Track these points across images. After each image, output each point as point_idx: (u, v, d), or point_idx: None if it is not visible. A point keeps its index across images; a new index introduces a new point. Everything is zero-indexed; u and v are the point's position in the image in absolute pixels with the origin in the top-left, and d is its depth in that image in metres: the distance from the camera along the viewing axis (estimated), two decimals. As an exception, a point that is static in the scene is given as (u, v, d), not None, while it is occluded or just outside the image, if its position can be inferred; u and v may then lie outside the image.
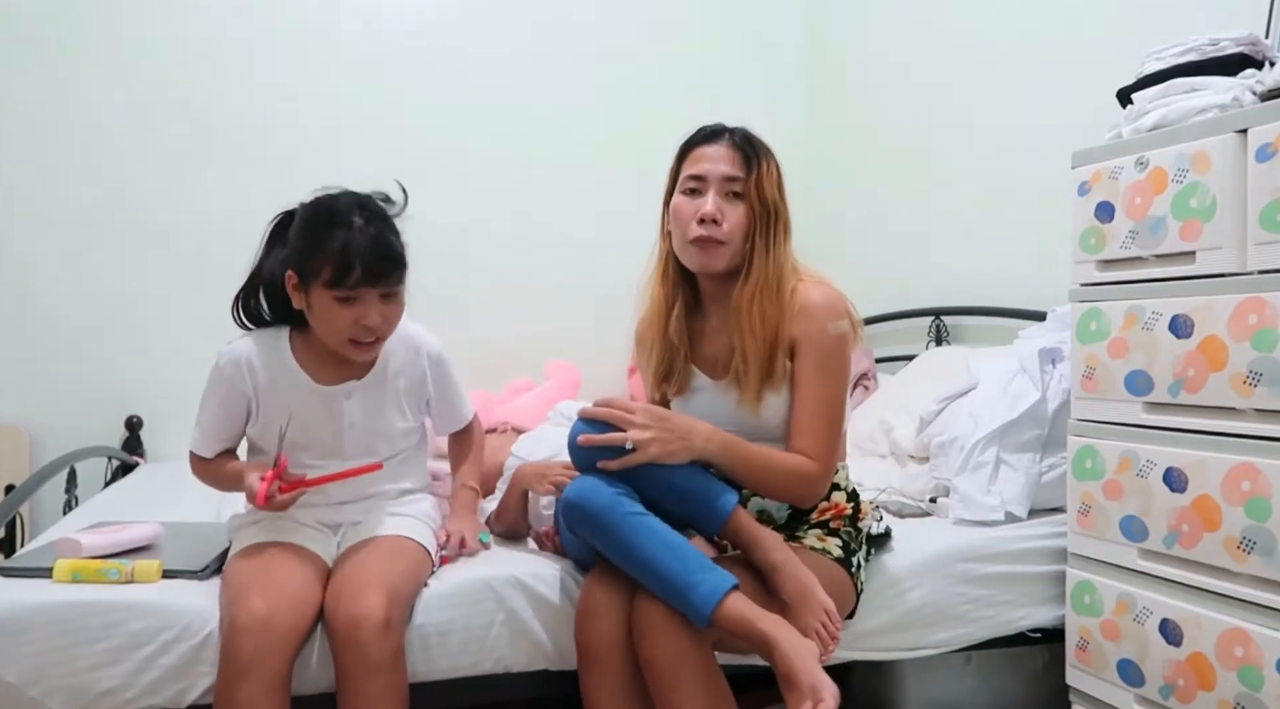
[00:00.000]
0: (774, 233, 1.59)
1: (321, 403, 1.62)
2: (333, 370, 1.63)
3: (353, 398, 1.63)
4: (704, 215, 1.56)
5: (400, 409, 1.69)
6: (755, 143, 1.61)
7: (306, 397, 1.61)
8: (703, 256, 1.59)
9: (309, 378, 1.61)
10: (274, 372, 1.61)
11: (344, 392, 1.63)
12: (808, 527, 1.63)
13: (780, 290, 1.57)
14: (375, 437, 1.66)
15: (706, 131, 1.63)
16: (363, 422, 1.64)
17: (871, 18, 3.35)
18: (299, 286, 1.53)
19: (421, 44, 3.27)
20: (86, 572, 1.47)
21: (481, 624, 1.55)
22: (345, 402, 1.63)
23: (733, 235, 1.57)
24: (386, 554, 1.51)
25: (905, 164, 3.13)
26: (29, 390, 2.91)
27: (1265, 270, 1.40)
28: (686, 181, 1.61)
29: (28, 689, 1.37)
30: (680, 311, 1.67)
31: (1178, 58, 1.62)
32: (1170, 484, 1.53)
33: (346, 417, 1.63)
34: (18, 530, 2.65)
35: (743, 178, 1.58)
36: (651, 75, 3.50)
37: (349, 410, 1.63)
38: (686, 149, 1.64)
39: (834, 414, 1.57)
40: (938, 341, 2.89)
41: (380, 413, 1.66)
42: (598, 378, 3.28)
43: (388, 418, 1.67)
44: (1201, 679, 1.47)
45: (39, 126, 2.93)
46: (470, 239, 3.30)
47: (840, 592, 1.55)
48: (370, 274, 1.49)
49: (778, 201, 1.60)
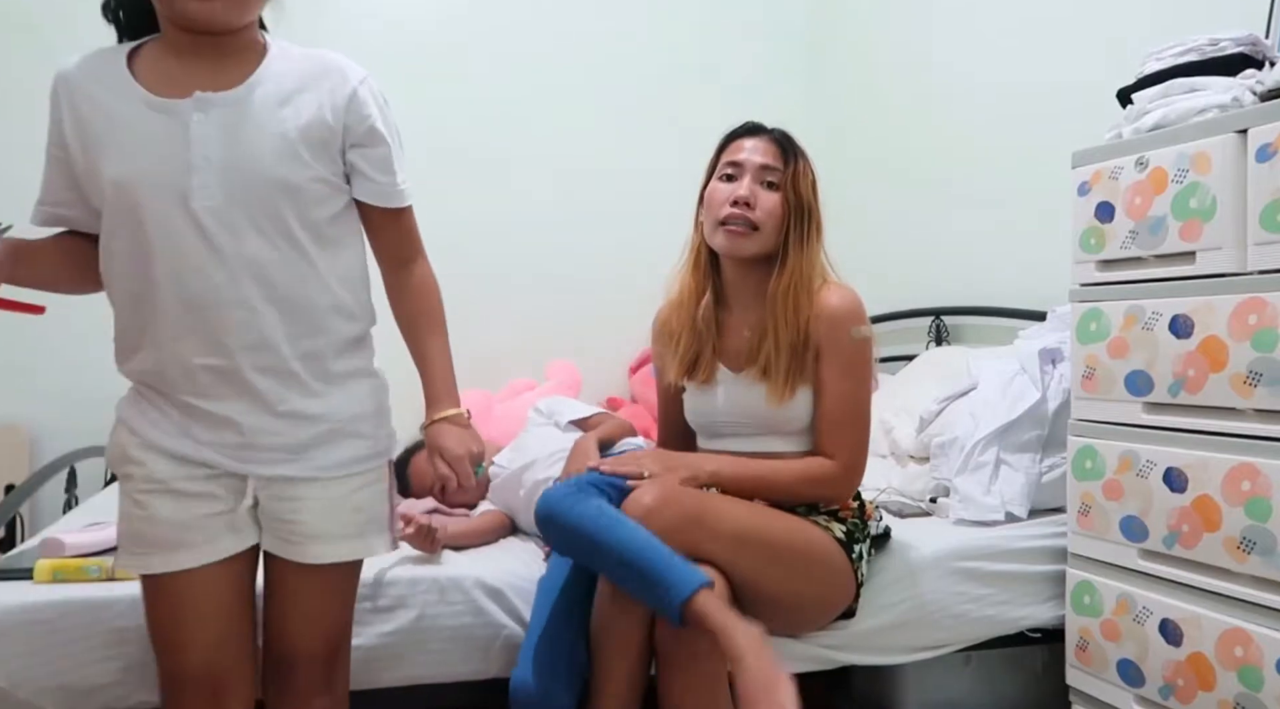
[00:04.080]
0: (808, 229, 1.63)
1: (161, 122, 1.11)
2: (182, 81, 1.12)
3: (208, 115, 1.10)
4: (738, 197, 1.60)
5: (290, 144, 1.14)
6: (794, 141, 1.67)
7: (139, 112, 1.11)
8: (732, 238, 1.62)
9: (142, 87, 1.12)
10: (100, 86, 1.13)
11: (195, 103, 1.11)
12: (816, 513, 1.65)
13: (811, 288, 1.61)
14: (240, 182, 1.11)
15: (749, 125, 1.69)
16: (221, 154, 1.11)
17: (872, 18, 3.35)
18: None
19: (422, 43, 3.27)
20: (67, 571, 1.47)
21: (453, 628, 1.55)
22: (193, 115, 1.10)
23: (765, 222, 1.61)
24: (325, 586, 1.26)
25: (905, 164, 3.13)
26: (29, 390, 2.90)
27: (1265, 270, 1.40)
28: (724, 168, 1.65)
29: (16, 691, 1.37)
30: (709, 301, 1.70)
31: (1178, 58, 1.62)
32: (1170, 484, 1.53)
33: (195, 142, 1.10)
34: (18, 530, 2.65)
35: (780, 169, 1.62)
36: (654, 77, 3.49)
37: (198, 132, 1.10)
38: (726, 141, 1.69)
39: (860, 416, 1.60)
40: (938, 342, 2.89)
41: (251, 141, 1.12)
42: (598, 378, 3.28)
43: (263, 151, 1.12)
44: (1201, 679, 1.47)
45: (39, 126, 2.92)
46: (471, 239, 3.30)
47: (837, 573, 1.57)
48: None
49: (811, 201, 1.64)
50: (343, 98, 1.18)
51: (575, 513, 1.42)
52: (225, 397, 1.17)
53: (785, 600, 1.55)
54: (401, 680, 1.50)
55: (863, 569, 1.63)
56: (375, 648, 1.49)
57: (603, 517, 1.42)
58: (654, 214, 1.86)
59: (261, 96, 1.14)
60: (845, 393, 1.59)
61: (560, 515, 1.43)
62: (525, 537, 1.91)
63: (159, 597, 1.20)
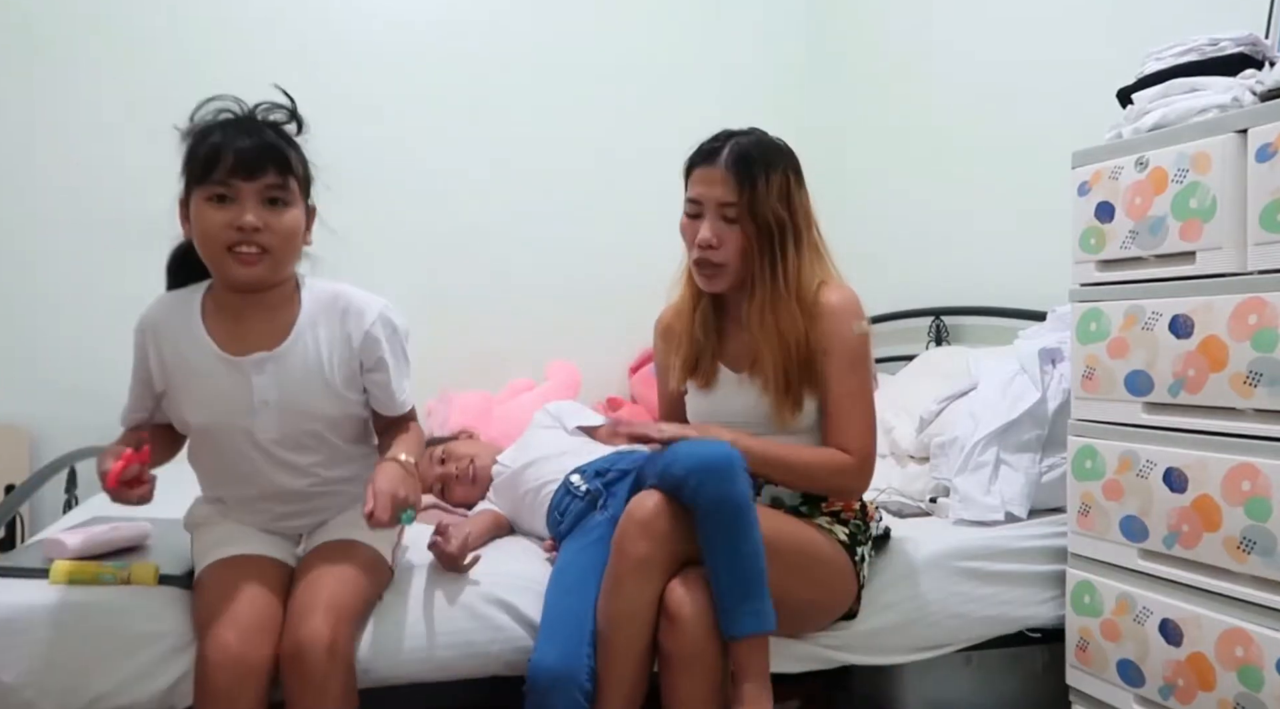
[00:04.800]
0: (779, 248, 1.60)
1: (228, 376, 1.43)
2: (243, 338, 1.44)
3: (263, 372, 1.43)
4: (700, 241, 1.60)
5: (328, 388, 1.47)
6: (752, 159, 1.58)
7: (213, 366, 1.44)
8: (705, 280, 1.64)
9: (215, 345, 1.43)
10: (180, 336, 1.45)
11: (254, 363, 1.43)
12: (820, 514, 1.65)
13: (802, 298, 1.60)
14: (292, 420, 1.46)
15: (704, 150, 1.63)
16: (277, 398, 1.44)
17: (872, 19, 3.35)
18: (184, 214, 1.42)
19: (425, 44, 3.27)
20: (83, 574, 1.46)
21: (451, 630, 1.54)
22: (253, 377, 1.43)
23: (730, 259, 1.61)
24: (338, 570, 1.43)
25: (905, 164, 3.13)
26: (29, 390, 2.90)
27: (1265, 270, 1.40)
28: (688, 204, 1.65)
29: (23, 691, 1.37)
30: (705, 307, 1.71)
31: (1178, 58, 1.62)
32: (1170, 484, 1.52)
33: (258, 393, 1.43)
34: (18, 530, 2.65)
35: (735, 203, 1.58)
36: (654, 77, 3.49)
37: (259, 386, 1.43)
38: (688, 168, 1.66)
39: (868, 410, 1.61)
40: (938, 342, 2.89)
41: (298, 389, 1.45)
42: (598, 378, 3.28)
43: (308, 395, 1.46)
44: (1201, 679, 1.47)
45: (39, 126, 2.93)
46: (471, 239, 3.30)
47: (840, 576, 1.58)
48: (242, 164, 1.35)
49: (781, 216, 1.59)
50: (359, 336, 1.48)
51: (745, 486, 1.41)
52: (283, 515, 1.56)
53: (788, 603, 1.55)
54: (401, 680, 1.50)
55: (864, 571, 1.64)
56: (375, 648, 1.49)
57: (754, 508, 1.43)
58: (654, 214, 1.86)
59: (302, 349, 1.46)
60: (852, 388, 1.59)
61: (736, 478, 1.40)
62: (523, 537, 1.91)
63: (211, 582, 1.41)
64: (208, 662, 1.31)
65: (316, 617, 1.35)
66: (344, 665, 1.36)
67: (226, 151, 1.35)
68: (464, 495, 2.09)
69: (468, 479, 2.07)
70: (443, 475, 2.12)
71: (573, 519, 1.72)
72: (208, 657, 1.32)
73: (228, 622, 1.34)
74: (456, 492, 2.10)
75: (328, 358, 1.47)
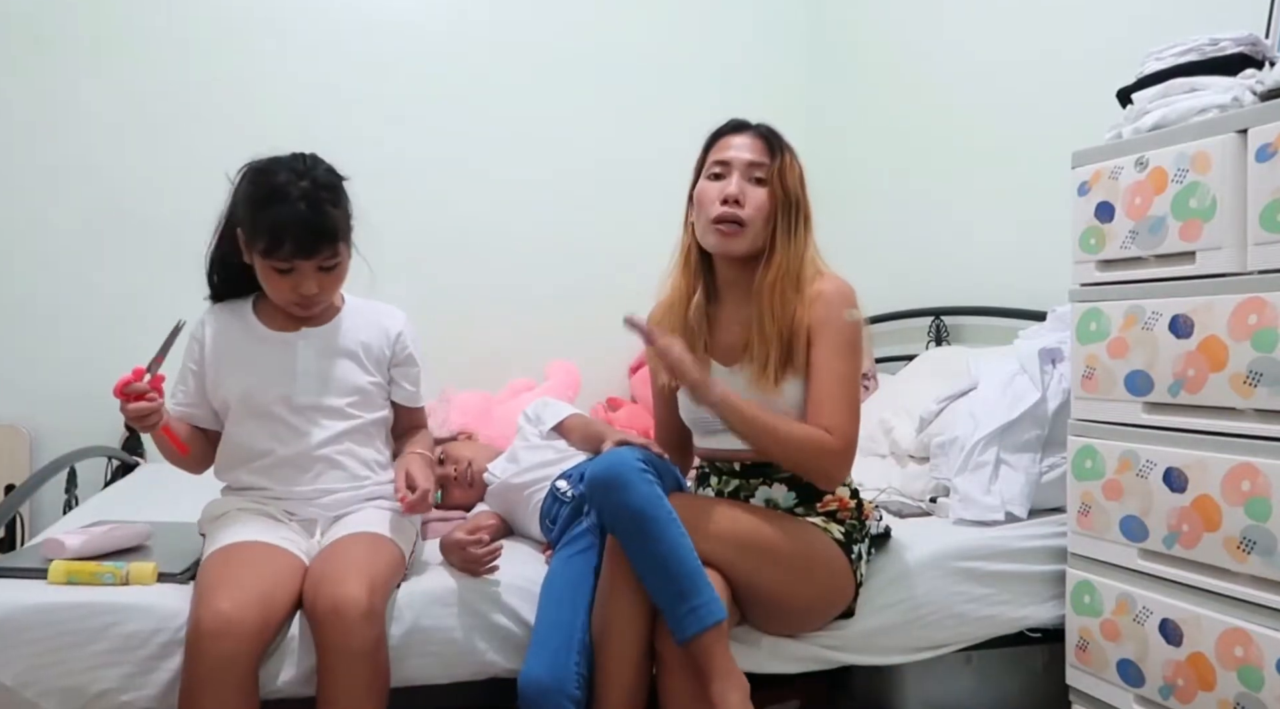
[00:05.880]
0: (795, 222, 1.62)
1: (275, 347, 1.64)
2: (291, 324, 1.66)
3: (308, 340, 1.65)
4: (727, 196, 1.60)
5: (359, 362, 1.68)
6: (779, 135, 1.67)
7: (258, 343, 1.63)
8: (723, 238, 1.62)
9: (264, 325, 1.65)
10: (232, 323, 1.65)
11: (298, 335, 1.65)
12: (814, 514, 1.64)
13: (800, 280, 1.60)
14: (328, 385, 1.65)
15: (733, 123, 1.68)
16: (316, 367, 1.64)
17: (873, 17, 3.35)
18: (248, 246, 1.56)
19: (426, 43, 3.27)
20: (82, 574, 1.47)
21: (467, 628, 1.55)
22: (299, 344, 1.64)
23: (754, 218, 1.60)
24: (368, 546, 1.50)
25: (905, 164, 3.13)
26: (29, 390, 2.91)
27: (1265, 270, 1.40)
28: (712, 167, 1.65)
29: (23, 691, 1.37)
30: (700, 299, 1.70)
31: (1178, 58, 1.62)
32: (1170, 484, 1.53)
33: (300, 361, 1.63)
34: (18, 530, 2.65)
35: (766, 164, 1.62)
36: (654, 78, 3.50)
37: (302, 354, 1.64)
38: (713, 139, 1.69)
39: (853, 396, 1.59)
40: (938, 342, 2.89)
41: (335, 360, 1.66)
42: (598, 378, 3.28)
43: (342, 367, 1.66)
44: (1201, 679, 1.47)
45: (39, 126, 2.93)
46: (471, 239, 3.30)
47: (837, 575, 1.57)
48: (303, 249, 1.50)
49: (799, 194, 1.64)
50: (394, 332, 1.73)
51: (641, 492, 1.42)
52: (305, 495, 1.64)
53: (785, 601, 1.55)
54: (401, 681, 1.50)
55: (861, 569, 1.63)
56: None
57: (661, 507, 1.43)
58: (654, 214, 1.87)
59: (343, 330, 1.69)
60: (839, 372, 1.57)
61: (628, 486, 1.42)
62: (521, 538, 1.91)
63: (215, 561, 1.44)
64: (198, 630, 1.31)
65: (352, 581, 1.38)
66: (379, 633, 1.39)
67: (287, 236, 1.49)
68: (461, 497, 2.09)
69: (465, 482, 2.06)
70: (441, 477, 2.11)
71: (563, 525, 1.72)
72: (198, 624, 1.31)
73: (225, 591, 1.34)
74: (454, 493, 2.09)
75: (364, 340, 1.69)
